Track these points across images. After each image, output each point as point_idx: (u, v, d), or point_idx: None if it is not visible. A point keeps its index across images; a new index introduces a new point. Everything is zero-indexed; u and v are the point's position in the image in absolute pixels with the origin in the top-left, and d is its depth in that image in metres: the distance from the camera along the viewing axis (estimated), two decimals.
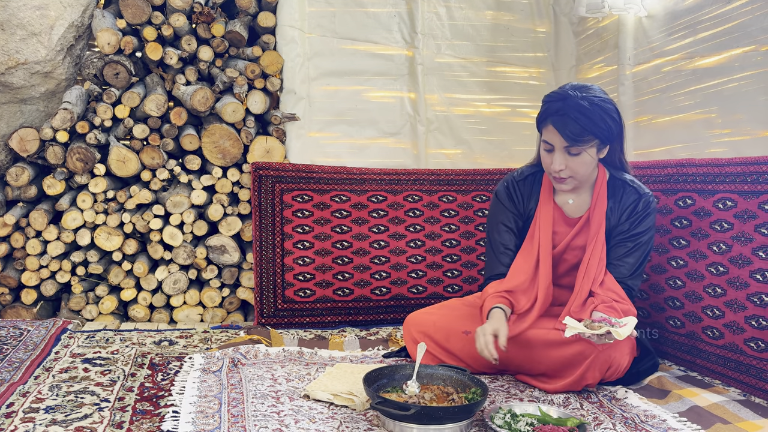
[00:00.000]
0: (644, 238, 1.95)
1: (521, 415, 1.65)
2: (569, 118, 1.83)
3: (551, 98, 1.91)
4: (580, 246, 2.01)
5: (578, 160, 1.89)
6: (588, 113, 1.82)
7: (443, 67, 3.13)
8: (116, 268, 2.82)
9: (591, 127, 1.83)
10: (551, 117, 1.87)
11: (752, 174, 1.94)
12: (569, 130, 1.83)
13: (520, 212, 2.09)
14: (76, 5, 2.74)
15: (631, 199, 1.98)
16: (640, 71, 2.66)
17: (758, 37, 2.08)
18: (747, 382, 1.93)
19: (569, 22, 3.20)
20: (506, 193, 2.10)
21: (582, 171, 1.91)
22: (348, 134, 3.05)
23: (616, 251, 1.97)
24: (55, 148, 2.70)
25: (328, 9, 3.01)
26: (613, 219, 1.98)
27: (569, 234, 2.02)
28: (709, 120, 2.30)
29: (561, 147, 1.88)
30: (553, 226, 2.04)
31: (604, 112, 1.85)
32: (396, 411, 1.54)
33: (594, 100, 1.85)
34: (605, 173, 2.03)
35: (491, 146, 3.20)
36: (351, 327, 2.78)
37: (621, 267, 1.95)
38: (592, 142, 1.88)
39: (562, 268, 2.07)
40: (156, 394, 1.85)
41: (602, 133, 1.86)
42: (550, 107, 1.88)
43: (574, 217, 2.04)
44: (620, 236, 1.98)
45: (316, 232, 2.81)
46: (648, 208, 1.96)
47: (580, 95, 1.85)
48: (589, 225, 2.00)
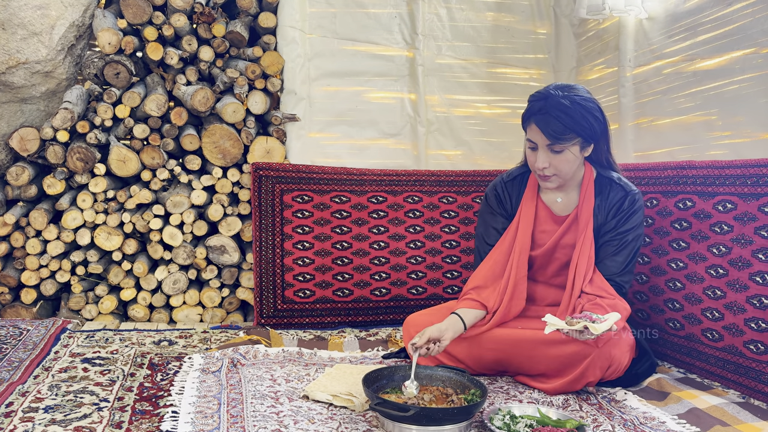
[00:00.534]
0: (631, 236, 1.97)
1: (520, 416, 1.65)
2: (551, 117, 1.85)
3: (534, 98, 1.94)
4: (570, 244, 2.03)
5: (561, 157, 1.91)
6: (569, 112, 1.85)
7: (444, 68, 3.13)
8: (116, 268, 2.82)
9: (572, 125, 1.85)
10: (534, 116, 1.90)
11: (752, 176, 1.94)
12: (551, 128, 1.86)
13: (508, 213, 2.11)
14: (77, 5, 2.74)
15: (618, 197, 1.99)
16: (640, 73, 2.66)
17: (759, 39, 2.08)
18: (746, 384, 1.93)
19: (570, 23, 3.20)
20: (494, 195, 2.13)
21: (565, 169, 1.93)
22: (348, 135, 3.05)
23: (605, 249, 1.99)
24: (55, 147, 2.70)
25: (328, 10, 3.01)
26: (600, 216, 2.00)
27: (557, 232, 2.04)
28: (710, 122, 2.30)
29: (544, 145, 1.91)
30: (541, 225, 2.06)
31: (586, 110, 1.87)
32: (395, 412, 1.54)
33: (575, 99, 1.87)
34: (593, 172, 2.05)
35: (491, 147, 3.20)
36: (350, 328, 2.78)
37: (610, 264, 1.97)
38: (574, 140, 1.89)
39: (553, 268, 2.08)
40: (155, 394, 1.85)
41: (584, 131, 1.88)
42: (533, 106, 1.91)
43: (561, 215, 2.06)
44: (608, 234, 1.99)
45: (316, 232, 2.81)
46: (634, 205, 1.98)
47: (562, 94, 1.87)
48: (577, 223, 2.02)
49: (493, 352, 2.00)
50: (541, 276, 2.11)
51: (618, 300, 1.90)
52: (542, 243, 2.05)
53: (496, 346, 1.99)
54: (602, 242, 2.00)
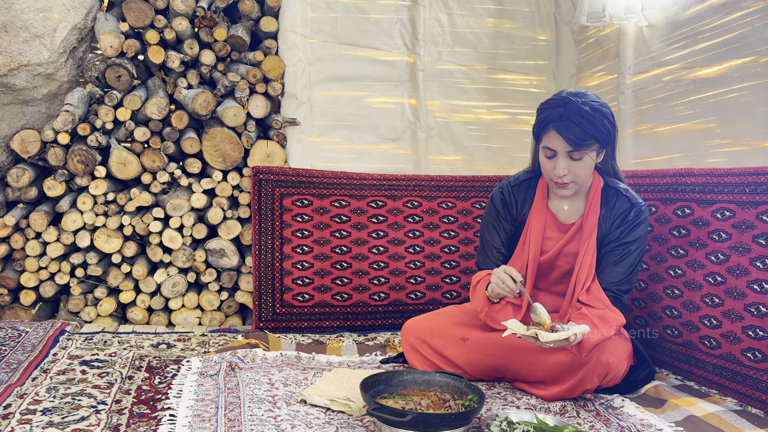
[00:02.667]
0: (634, 247, 1.97)
1: (518, 422, 1.65)
2: (572, 123, 1.87)
3: (550, 105, 1.94)
4: (573, 253, 2.03)
5: (581, 164, 1.93)
6: (589, 117, 1.87)
7: (444, 73, 3.14)
8: (115, 270, 2.82)
9: (592, 131, 1.87)
10: (553, 122, 1.90)
11: (750, 184, 1.95)
12: (572, 134, 1.87)
13: (514, 217, 2.12)
14: (80, 8, 2.75)
15: (624, 208, 2.00)
16: (640, 80, 2.67)
17: (758, 48, 2.09)
18: (743, 392, 1.93)
19: (570, 30, 3.22)
20: (501, 198, 2.14)
21: (583, 175, 1.95)
22: (348, 139, 3.06)
23: (607, 259, 1.99)
24: (56, 149, 2.71)
25: (330, 15, 3.02)
26: (605, 226, 2.01)
27: (562, 240, 2.04)
28: (709, 130, 2.31)
29: (564, 152, 1.91)
30: (546, 232, 2.07)
31: (603, 116, 1.90)
32: (392, 417, 1.54)
33: (594, 105, 1.90)
34: (600, 181, 2.05)
35: (491, 153, 3.21)
36: (349, 332, 2.79)
37: (610, 274, 1.97)
38: (593, 146, 1.92)
39: (555, 275, 2.08)
40: (153, 397, 1.86)
41: (602, 136, 1.91)
42: (551, 113, 1.91)
43: (567, 223, 2.06)
44: (611, 244, 1.99)
45: (316, 236, 2.81)
46: (639, 217, 1.98)
47: (581, 101, 1.89)
48: (581, 231, 2.03)
49: (491, 358, 2.01)
50: (543, 283, 2.11)
51: (608, 311, 1.89)
52: (546, 250, 2.06)
53: (495, 352, 2.00)
54: (605, 252, 2.00)
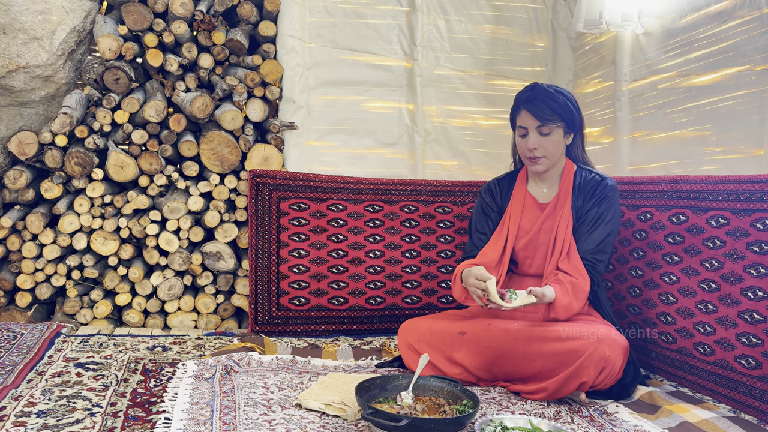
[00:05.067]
0: (609, 215, 2.14)
1: (512, 427, 1.65)
2: (539, 101, 2.12)
3: (521, 91, 2.21)
4: (553, 228, 2.20)
5: (549, 139, 2.15)
6: (554, 97, 2.12)
7: (441, 79, 3.16)
8: (111, 273, 2.82)
9: (557, 108, 2.12)
10: (523, 104, 2.16)
11: (745, 192, 1.96)
12: (539, 111, 2.12)
13: (498, 204, 2.34)
14: (79, 11, 2.75)
15: (594, 182, 2.19)
16: (636, 87, 2.69)
17: (753, 56, 2.10)
18: (737, 398, 1.94)
19: (567, 37, 3.23)
20: (487, 190, 2.38)
21: (552, 150, 2.16)
22: (346, 144, 3.07)
23: (582, 229, 2.16)
24: (53, 151, 2.71)
25: (328, 19, 3.03)
26: (579, 200, 2.19)
27: (541, 216, 2.22)
28: (704, 137, 2.32)
29: (534, 127, 2.14)
30: (527, 213, 2.26)
31: (567, 98, 2.15)
32: (387, 422, 1.55)
33: (559, 89, 2.16)
34: (572, 165, 2.26)
35: (488, 158, 3.22)
36: (345, 336, 2.79)
37: (587, 242, 2.13)
38: (558, 123, 2.14)
39: (539, 256, 2.21)
40: (148, 400, 1.86)
41: (567, 115, 2.14)
42: (521, 96, 2.18)
43: (545, 202, 2.25)
44: (587, 215, 2.17)
45: (312, 240, 2.82)
46: (606, 189, 2.16)
47: (547, 85, 2.16)
48: (557, 206, 2.21)
49: (490, 350, 2.06)
50: (529, 267, 2.23)
51: (581, 279, 2.05)
52: (528, 229, 2.23)
53: (493, 344, 2.05)
54: (580, 223, 2.17)
